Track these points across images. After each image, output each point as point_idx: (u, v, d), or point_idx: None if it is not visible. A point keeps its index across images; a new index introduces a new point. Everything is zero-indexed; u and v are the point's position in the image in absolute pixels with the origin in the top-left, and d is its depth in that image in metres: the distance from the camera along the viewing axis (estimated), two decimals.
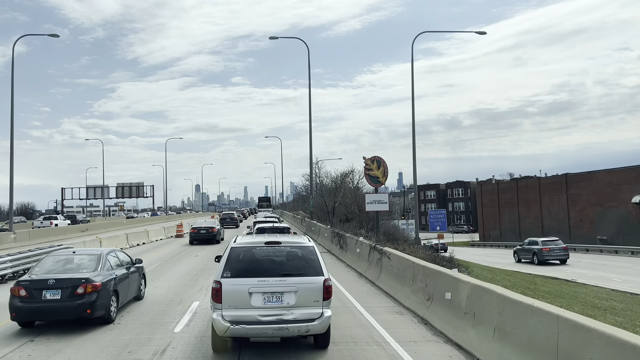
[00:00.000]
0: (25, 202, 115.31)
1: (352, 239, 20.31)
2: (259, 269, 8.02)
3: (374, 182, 25.69)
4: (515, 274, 25.11)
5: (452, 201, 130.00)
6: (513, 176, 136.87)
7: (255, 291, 7.73)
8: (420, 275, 11.24)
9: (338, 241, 23.63)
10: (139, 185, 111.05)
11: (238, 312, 7.66)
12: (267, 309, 7.72)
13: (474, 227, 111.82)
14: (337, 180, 47.90)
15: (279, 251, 8.42)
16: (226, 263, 8.05)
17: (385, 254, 14.53)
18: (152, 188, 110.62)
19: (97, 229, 50.61)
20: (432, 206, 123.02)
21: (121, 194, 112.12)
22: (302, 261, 8.26)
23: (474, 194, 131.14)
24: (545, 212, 57.42)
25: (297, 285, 7.82)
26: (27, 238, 35.70)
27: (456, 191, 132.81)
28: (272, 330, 7.66)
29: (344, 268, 18.77)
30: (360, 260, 17.85)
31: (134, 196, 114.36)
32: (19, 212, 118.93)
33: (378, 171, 25.71)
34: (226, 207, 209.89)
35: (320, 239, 30.24)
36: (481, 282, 8.59)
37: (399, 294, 12.47)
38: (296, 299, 7.77)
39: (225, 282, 7.76)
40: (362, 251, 17.80)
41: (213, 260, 17.12)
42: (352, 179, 52.55)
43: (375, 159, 25.85)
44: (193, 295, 13.48)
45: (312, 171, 44.38)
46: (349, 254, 20.13)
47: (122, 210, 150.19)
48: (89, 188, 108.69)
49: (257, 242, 8.63)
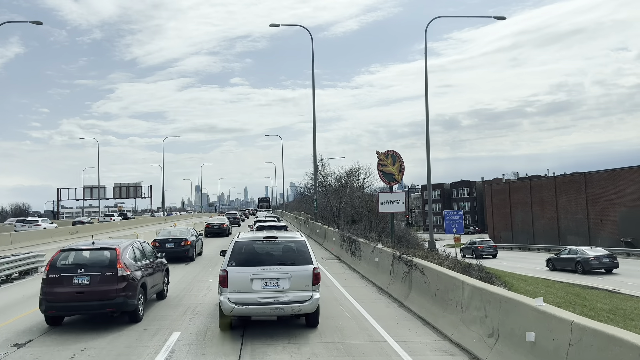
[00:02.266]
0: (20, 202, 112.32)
1: (367, 245, 17.39)
2: (259, 259, 9.34)
3: (388, 179, 22.78)
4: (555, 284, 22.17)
5: (457, 201, 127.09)
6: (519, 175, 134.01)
7: (256, 277, 9.02)
8: (477, 301, 8.30)
9: (349, 247, 20.71)
10: (137, 186, 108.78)
11: (241, 295, 8.92)
12: (265, 292, 8.99)
13: (480, 228, 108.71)
14: (343, 179, 44.97)
15: (276, 244, 9.82)
16: (231, 254, 9.33)
17: (416, 267, 11.60)
18: (150, 188, 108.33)
19: (88, 231, 47.73)
20: (437, 207, 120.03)
21: (118, 195, 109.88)
22: (295, 253, 9.56)
23: (479, 194, 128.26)
24: (561, 212, 54.36)
25: (290, 273, 9.13)
26: (8, 242, 32.88)
27: (461, 191, 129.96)
28: (270, 310, 8.97)
29: (360, 280, 15.82)
30: (379, 272, 14.93)
31: (131, 197, 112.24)
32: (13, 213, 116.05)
33: (393, 167, 22.80)
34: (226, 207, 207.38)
35: (327, 243, 27.29)
36: (597, 323, 5.65)
37: (441, 321, 9.53)
38: (290, 284, 9.05)
39: (230, 270, 9.05)
40: (381, 261, 14.87)
41: (204, 272, 17.50)
42: (358, 178, 49.78)
43: (389, 154, 22.94)
44: (174, 323, 10.41)
45: (316, 169, 41.45)
46: (364, 263, 17.20)
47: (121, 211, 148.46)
48: (86, 189, 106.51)
49: (257, 237, 10.07)
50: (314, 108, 38.54)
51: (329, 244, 26.71)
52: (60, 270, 10.16)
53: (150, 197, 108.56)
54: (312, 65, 39.39)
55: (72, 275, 10.00)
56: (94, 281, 9.95)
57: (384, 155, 22.79)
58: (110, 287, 9.98)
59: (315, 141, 39.45)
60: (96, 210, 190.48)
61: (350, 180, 45.53)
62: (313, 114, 38.69)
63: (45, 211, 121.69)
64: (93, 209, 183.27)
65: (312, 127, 38.26)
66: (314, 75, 39.11)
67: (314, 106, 38.70)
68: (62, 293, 9.88)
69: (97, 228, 51.27)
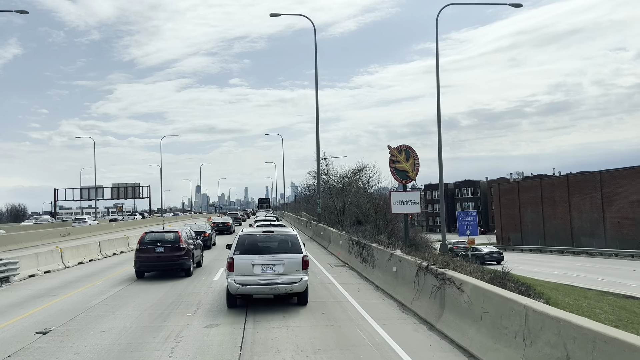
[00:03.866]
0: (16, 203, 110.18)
1: (381, 251, 15.21)
2: (259, 249, 11.63)
3: (401, 177, 20.60)
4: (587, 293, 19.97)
5: (461, 201, 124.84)
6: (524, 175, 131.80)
7: (256, 263, 11.23)
8: (551, 335, 6.14)
9: (359, 252, 18.55)
10: (135, 186, 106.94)
11: (245, 277, 11.10)
12: (264, 276, 11.19)
13: (484, 229, 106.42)
14: (348, 177, 42.78)
15: (273, 237, 12.10)
16: (236, 245, 11.59)
17: (451, 282, 9.43)
18: (149, 188, 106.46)
19: (80, 233, 45.68)
20: (438, 207, 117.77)
21: (116, 195, 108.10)
22: (288, 244, 11.84)
23: (484, 194, 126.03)
24: (574, 212, 52.08)
25: (284, 260, 11.36)
26: None
27: (465, 191, 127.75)
28: (268, 289, 11.17)
29: (375, 293, 13.65)
30: (399, 284, 12.76)
31: (129, 197, 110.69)
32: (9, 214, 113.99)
33: (407, 164, 20.63)
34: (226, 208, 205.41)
35: (333, 246, 25.12)
36: None
37: (492, 356, 7.37)
38: (284, 269, 11.27)
39: (236, 258, 11.26)
40: (402, 271, 12.71)
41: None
42: (362, 177, 47.62)
43: (403, 149, 20.77)
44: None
45: (319, 166, 39.27)
46: (379, 272, 15.03)
47: (120, 212, 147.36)
48: (83, 189, 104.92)
49: (257, 231, 12.57)
50: (317, 101, 36.43)
51: (335, 247, 24.56)
52: (146, 244, 16.76)
53: (148, 197, 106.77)
54: (315, 56, 37.29)
55: (153, 247, 16.59)
56: (166, 250, 16.55)
57: (396, 150, 20.63)
58: (176, 254, 16.53)
59: (318, 136, 37.31)
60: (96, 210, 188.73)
61: (355, 179, 43.36)
62: (316, 107, 36.56)
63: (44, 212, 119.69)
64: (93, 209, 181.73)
65: (315, 120, 36.16)
66: (316, 67, 36.97)
67: (317, 99, 36.57)
68: (147, 257, 16.52)
69: (90, 230, 49.19)
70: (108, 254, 24.84)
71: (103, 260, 23.27)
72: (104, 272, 18.88)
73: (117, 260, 22.95)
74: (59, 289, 15.08)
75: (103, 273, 18.69)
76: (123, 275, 17.80)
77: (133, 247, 28.37)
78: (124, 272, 18.82)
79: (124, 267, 20.41)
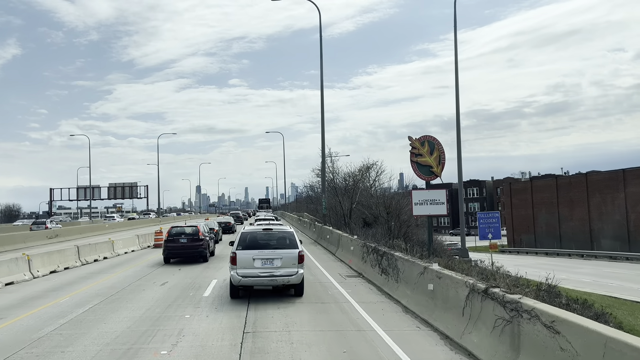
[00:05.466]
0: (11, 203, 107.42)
1: (409, 262, 12.33)
2: (259, 244, 12.69)
3: (424, 173, 17.68)
4: None
5: (467, 201, 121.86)
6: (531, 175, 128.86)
7: (257, 258, 12.31)
8: None
9: (376, 261, 15.69)
10: (132, 186, 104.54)
11: (246, 270, 12.18)
12: (264, 269, 12.25)
13: None
14: (355, 176, 39.88)
15: (271, 234, 13.20)
16: (239, 241, 12.78)
17: (536, 318, 6.55)
18: (147, 188, 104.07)
19: (69, 235, 42.84)
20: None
21: (114, 195, 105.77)
22: (286, 240, 12.93)
23: (489, 194, 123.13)
24: (594, 213, 49.08)
25: (282, 254, 12.43)
26: None
27: (470, 191, 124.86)
28: (267, 281, 12.24)
29: (405, 317, 10.76)
30: (438, 307, 9.89)
31: (127, 197, 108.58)
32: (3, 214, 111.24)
33: (430, 157, 17.74)
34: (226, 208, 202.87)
35: (343, 252, 22.24)
36: None
37: None
38: (281, 263, 12.32)
39: (238, 253, 12.38)
40: (441, 291, 9.83)
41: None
42: (369, 176, 44.75)
43: (426, 140, 17.87)
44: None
45: (324, 164, 36.37)
46: (406, 289, 12.15)
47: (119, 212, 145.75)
48: (80, 189, 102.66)
49: (258, 229, 13.69)
50: (322, 90, 33.59)
51: (345, 254, 21.69)
52: (172, 235, 21.21)
53: (146, 197, 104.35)
54: (320, 44, 34.47)
55: (178, 238, 21.06)
56: (189, 241, 20.98)
57: (418, 142, 17.72)
58: (196, 243, 20.98)
59: (323, 130, 34.46)
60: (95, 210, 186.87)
61: (362, 178, 40.49)
62: (321, 97, 33.72)
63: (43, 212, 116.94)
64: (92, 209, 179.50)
65: (321, 112, 33.31)
66: (321, 55, 34.16)
67: (321, 87, 33.74)
68: (173, 246, 20.92)
69: (82, 231, 46.37)
70: (88, 260, 21.98)
71: (81, 268, 20.43)
72: (75, 284, 16.00)
73: (96, 268, 20.09)
74: (11, 309, 12.22)
75: (74, 285, 15.82)
76: (97, 289, 14.93)
77: (119, 252, 25.61)
78: (100, 284, 15.96)
79: (104, 276, 17.56)
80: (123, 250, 26.12)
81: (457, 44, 31.38)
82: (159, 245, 29.68)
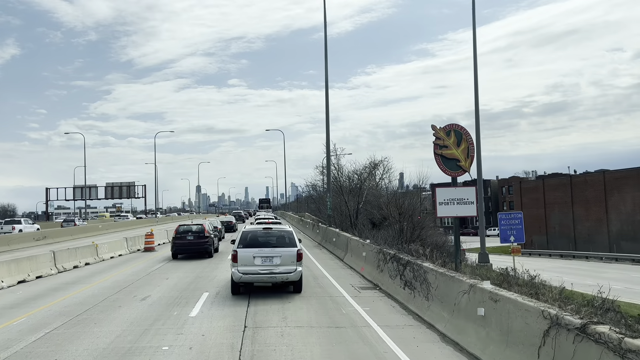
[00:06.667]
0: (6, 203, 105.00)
1: (445, 277, 9.85)
2: (259, 243, 13.21)
3: (450, 167, 15.21)
4: None
5: None
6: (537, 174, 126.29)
7: (257, 256, 12.78)
8: None
9: (397, 271, 13.23)
10: (130, 185, 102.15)
11: (247, 267, 12.67)
12: (263, 266, 12.72)
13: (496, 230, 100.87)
14: (363, 173, 37.43)
15: (271, 233, 13.75)
16: (240, 240, 13.29)
17: None
18: (144, 188, 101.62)
19: (57, 237, 40.42)
20: None
21: (111, 195, 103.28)
22: (285, 239, 13.49)
23: (494, 193, 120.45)
24: (612, 213, 46.57)
25: (281, 252, 12.91)
26: None
27: None
28: (267, 278, 12.76)
29: (447, 351, 8.28)
30: (493, 341, 7.41)
31: (124, 197, 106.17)
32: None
33: (458, 150, 15.29)
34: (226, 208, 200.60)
35: (353, 258, 19.77)
36: None
37: None
38: (281, 260, 12.80)
39: (239, 251, 12.88)
40: (499, 319, 7.35)
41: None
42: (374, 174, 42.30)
43: (452, 129, 15.44)
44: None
45: (329, 160, 33.89)
46: (442, 310, 9.67)
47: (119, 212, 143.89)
48: (76, 188, 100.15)
49: (258, 228, 14.23)
50: (327, 80, 31.16)
51: (355, 260, 19.23)
52: (180, 233, 23.07)
53: (144, 197, 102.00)
54: (325, 32, 32.03)
55: (185, 235, 22.86)
56: (195, 238, 22.70)
57: (443, 131, 15.26)
58: (202, 240, 22.78)
59: (327, 124, 32.04)
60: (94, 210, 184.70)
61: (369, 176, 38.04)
62: (326, 88, 31.29)
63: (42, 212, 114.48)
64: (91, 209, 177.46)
65: (325, 103, 30.86)
66: (326, 44, 31.71)
67: (326, 78, 31.34)
68: (181, 243, 22.66)
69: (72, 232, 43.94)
70: (66, 267, 19.53)
71: (57, 276, 17.99)
72: (41, 299, 13.53)
73: (74, 277, 17.63)
74: None
75: (39, 300, 13.36)
76: (64, 306, 12.46)
77: (103, 257, 23.18)
78: (70, 298, 13.47)
79: (78, 287, 15.10)
80: (109, 255, 23.66)
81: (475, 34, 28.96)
82: (150, 249, 27.29)
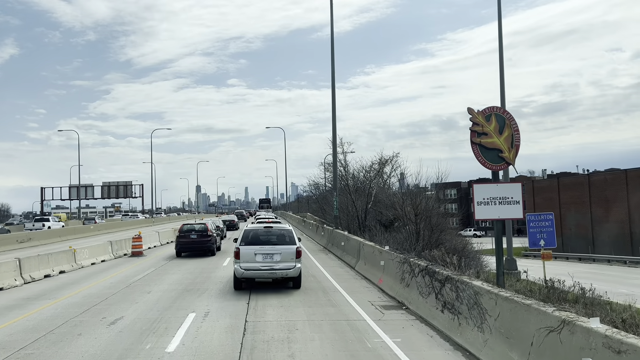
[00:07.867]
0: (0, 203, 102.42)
1: (516, 305, 7.12)
2: (260, 241, 14.03)
3: (490, 159, 12.49)
4: None
5: None
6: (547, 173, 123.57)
7: (258, 253, 13.58)
8: None
9: (431, 289, 10.54)
10: (127, 185, 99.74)
11: (248, 264, 13.48)
12: (264, 263, 13.52)
13: None
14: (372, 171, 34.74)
15: (272, 232, 14.53)
16: (242, 237, 14.09)
17: None
18: (142, 187, 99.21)
19: (45, 239, 37.79)
20: (453, 207, 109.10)
21: (107, 194, 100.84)
22: (285, 237, 14.26)
23: None
24: (635, 214, 43.80)
25: (281, 250, 13.68)
26: None
27: None
28: (267, 274, 13.54)
29: None
30: None
31: (121, 196, 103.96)
32: None
33: (500, 138, 12.58)
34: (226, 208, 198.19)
35: (367, 267, 16.98)
36: None
37: None
38: (281, 257, 13.59)
39: (241, 248, 13.67)
40: None
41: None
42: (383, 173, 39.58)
43: (492, 114, 12.75)
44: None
45: (336, 156, 31.18)
46: (510, 351, 6.94)
47: (118, 211, 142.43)
48: (72, 187, 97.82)
49: (259, 226, 15.20)
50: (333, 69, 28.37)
51: (370, 269, 16.47)
52: (183, 231, 23.75)
53: (141, 196, 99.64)
54: (331, 23, 29.37)
55: (189, 234, 23.47)
56: (198, 236, 23.36)
57: (482, 116, 12.55)
58: (205, 239, 23.41)
59: (334, 117, 29.34)
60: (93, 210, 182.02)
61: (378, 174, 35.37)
62: (332, 78, 28.62)
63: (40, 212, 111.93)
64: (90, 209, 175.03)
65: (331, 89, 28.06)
66: (332, 34, 29.04)
67: (332, 67, 28.66)
68: (185, 241, 23.29)
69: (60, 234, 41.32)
70: (34, 277, 16.83)
71: (20, 288, 15.30)
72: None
73: (40, 290, 14.93)
74: None
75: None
76: (7, 334, 9.76)
77: (82, 263, 20.49)
78: (20, 321, 10.75)
79: (38, 305, 12.36)
80: (89, 261, 20.96)
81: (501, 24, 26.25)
82: (138, 254, 24.58)
